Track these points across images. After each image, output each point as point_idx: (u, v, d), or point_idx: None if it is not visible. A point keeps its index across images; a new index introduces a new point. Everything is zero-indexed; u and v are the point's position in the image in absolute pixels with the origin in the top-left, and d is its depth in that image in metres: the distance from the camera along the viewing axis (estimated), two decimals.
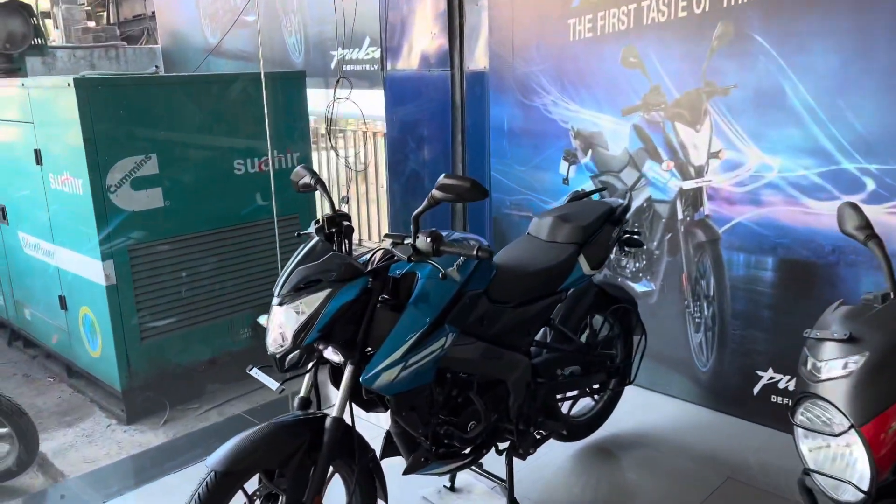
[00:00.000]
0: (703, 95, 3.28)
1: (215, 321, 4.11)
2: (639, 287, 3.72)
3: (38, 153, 3.88)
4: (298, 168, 2.51)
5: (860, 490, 1.32)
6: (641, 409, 3.54)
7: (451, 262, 2.26)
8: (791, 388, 3.25)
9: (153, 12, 8.00)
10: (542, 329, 2.82)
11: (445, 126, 4.56)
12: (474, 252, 2.04)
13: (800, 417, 1.45)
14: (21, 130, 3.96)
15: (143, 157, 3.67)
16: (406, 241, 2.13)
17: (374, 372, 2.14)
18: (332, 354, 2.04)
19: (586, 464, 3.14)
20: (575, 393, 3.04)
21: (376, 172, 5.36)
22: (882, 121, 2.81)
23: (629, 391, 3.32)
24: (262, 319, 2.32)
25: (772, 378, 3.30)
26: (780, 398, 3.28)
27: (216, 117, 3.95)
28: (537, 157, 4.03)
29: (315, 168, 5.50)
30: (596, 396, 3.23)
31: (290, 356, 2.08)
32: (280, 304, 2.10)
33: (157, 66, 5.45)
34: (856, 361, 1.34)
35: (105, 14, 9.30)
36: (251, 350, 4.26)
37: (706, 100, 3.27)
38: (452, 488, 2.94)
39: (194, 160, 3.88)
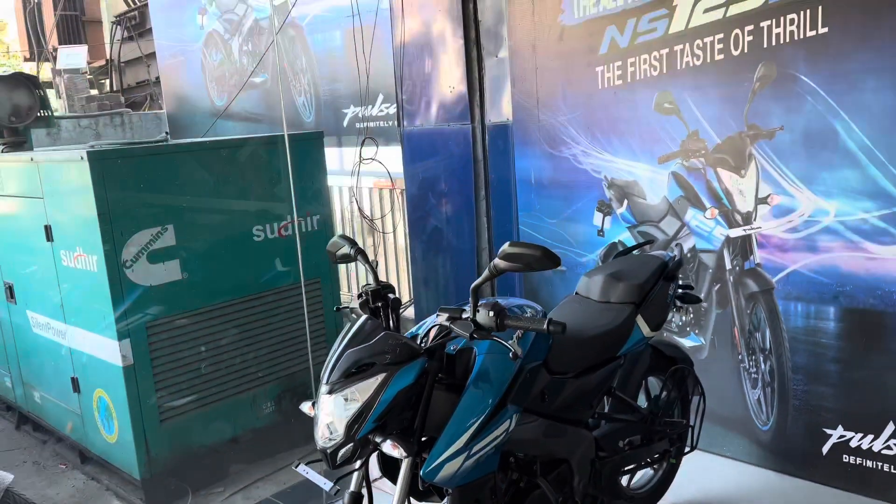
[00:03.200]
0: (746, 139, 3.13)
1: (237, 396, 3.88)
2: (687, 342, 3.51)
3: (48, 229, 3.71)
4: (336, 238, 2.34)
5: None
6: (701, 473, 3.29)
7: (509, 334, 2.06)
8: (865, 446, 3.02)
9: (157, 78, 7.96)
10: (602, 399, 2.60)
11: (468, 181, 4.41)
12: (545, 326, 1.84)
13: None
14: (31, 206, 3.80)
15: (160, 228, 3.50)
16: (465, 316, 1.94)
17: (435, 464, 1.93)
18: (390, 449, 1.83)
19: None
20: (633, 466, 2.81)
21: (395, 234, 5.20)
22: None
23: (687, 456, 3.09)
24: (304, 407, 2.12)
25: (842, 436, 3.07)
26: (853, 458, 3.05)
27: (233, 183, 3.80)
28: (568, 209, 3.86)
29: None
30: (656, 465, 2.99)
31: (343, 450, 1.87)
32: (329, 392, 1.89)
33: (166, 133, 5.35)
34: None
35: (108, 81, 9.27)
36: (275, 426, 4.02)
37: (750, 144, 3.12)
38: None
39: (212, 229, 3.72)
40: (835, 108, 2.87)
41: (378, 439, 1.85)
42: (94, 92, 8.67)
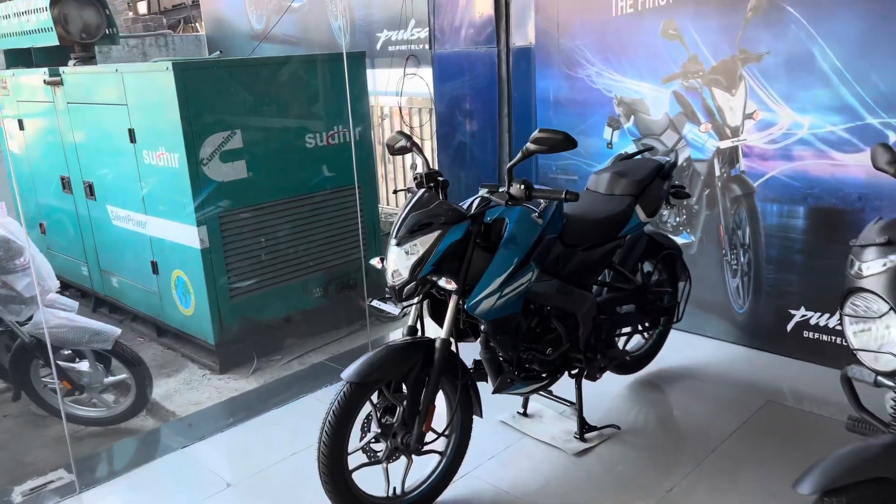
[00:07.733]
0: (738, 62, 3.63)
1: (291, 282, 4.52)
2: (679, 239, 4.09)
3: (131, 132, 4.28)
4: (394, 133, 2.89)
5: None
6: (685, 348, 3.93)
7: (535, 205, 2.63)
8: (822, 323, 3.63)
9: (193, 1, 8.37)
10: (604, 271, 3.20)
11: (492, 99, 4.93)
12: (563, 195, 2.42)
13: (847, 309, 1.83)
14: (114, 112, 4.35)
15: (230, 132, 4.06)
16: (501, 190, 2.52)
17: (476, 300, 2.54)
18: (445, 283, 2.44)
19: (640, 392, 3.54)
20: (629, 329, 3.43)
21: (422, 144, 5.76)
22: None
23: (673, 335, 3.71)
24: (374, 261, 2.73)
25: (804, 315, 3.68)
26: (812, 333, 3.66)
27: (289, 95, 4.34)
28: (582, 124, 4.39)
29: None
30: (647, 335, 3.62)
31: (407, 287, 2.48)
32: (398, 244, 2.48)
33: (220, 51, 5.83)
34: (892, 259, 1.72)
35: (146, 4, 9.68)
36: (322, 308, 4.68)
37: (741, 66, 3.63)
38: (525, 413, 3.35)
39: (272, 135, 4.27)
40: (814, 35, 3.37)
41: (434, 278, 2.46)
42: (131, 14, 9.09)
